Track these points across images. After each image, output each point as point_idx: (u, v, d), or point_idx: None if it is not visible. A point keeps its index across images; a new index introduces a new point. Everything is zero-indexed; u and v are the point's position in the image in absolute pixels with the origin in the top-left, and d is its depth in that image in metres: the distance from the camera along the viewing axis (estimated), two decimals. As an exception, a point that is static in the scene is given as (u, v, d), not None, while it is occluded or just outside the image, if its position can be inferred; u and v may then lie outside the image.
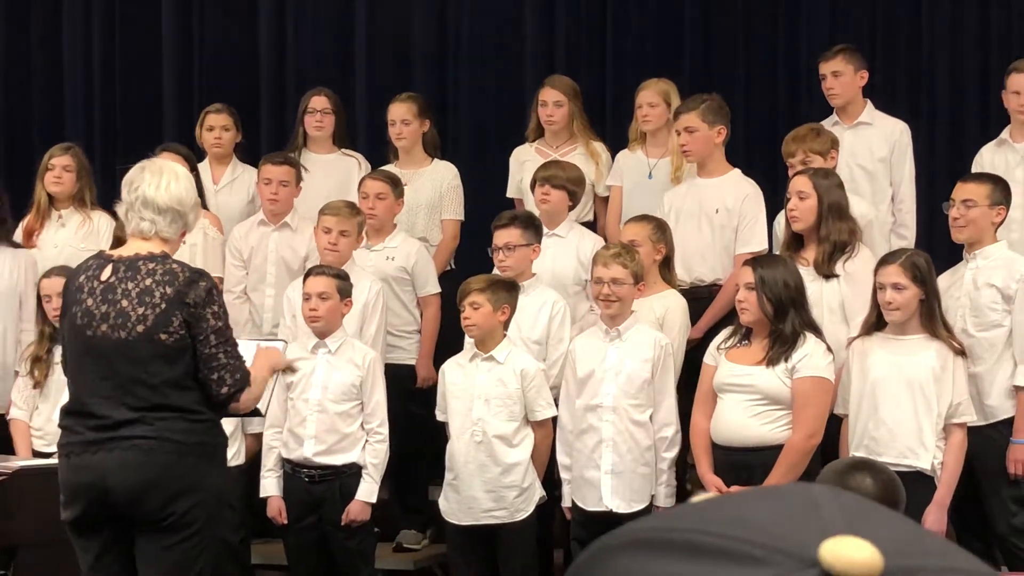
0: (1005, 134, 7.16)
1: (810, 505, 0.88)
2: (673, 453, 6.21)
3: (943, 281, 6.30)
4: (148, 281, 4.73)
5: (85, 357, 4.78)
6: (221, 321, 4.78)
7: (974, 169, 7.10)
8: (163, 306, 4.70)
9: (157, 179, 4.83)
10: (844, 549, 0.83)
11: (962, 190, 6.33)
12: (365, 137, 8.60)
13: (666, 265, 6.65)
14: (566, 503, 6.32)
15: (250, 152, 8.08)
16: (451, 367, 6.47)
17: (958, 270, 6.35)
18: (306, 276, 6.57)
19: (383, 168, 7.52)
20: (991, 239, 6.29)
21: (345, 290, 6.49)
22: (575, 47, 8.72)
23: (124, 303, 4.73)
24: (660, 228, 6.69)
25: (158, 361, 4.71)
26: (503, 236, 6.68)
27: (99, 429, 4.73)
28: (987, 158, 7.15)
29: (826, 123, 7.27)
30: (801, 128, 7.13)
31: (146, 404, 4.70)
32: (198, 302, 4.71)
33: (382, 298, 6.91)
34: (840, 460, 4.62)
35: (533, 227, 6.74)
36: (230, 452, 6.57)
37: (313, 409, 6.43)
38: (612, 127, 8.12)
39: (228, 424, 6.47)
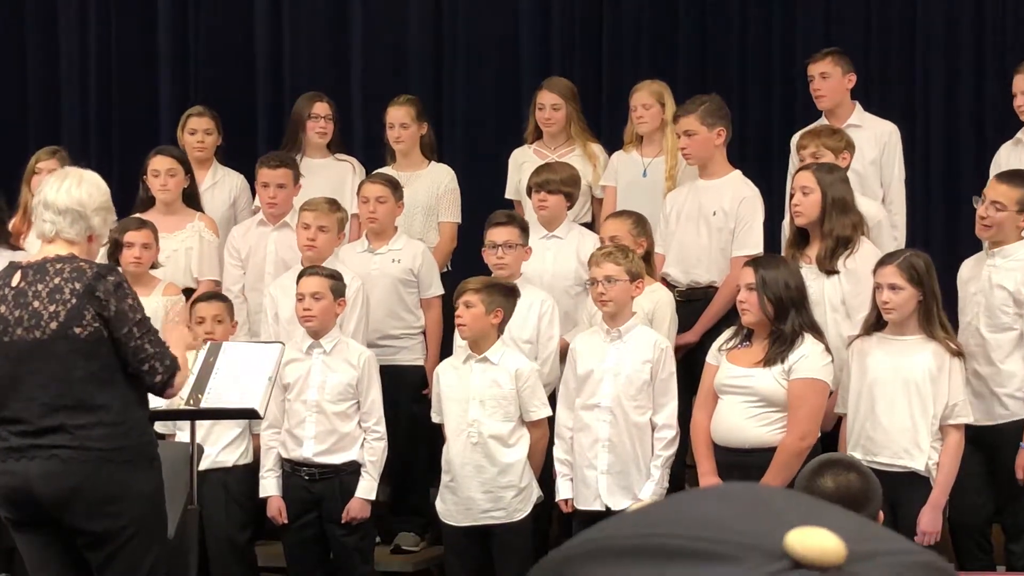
0: (1021, 134, 7.13)
1: (760, 502, 0.89)
2: (669, 453, 6.21)
3: (965, 270, 6.31)
4: (57, 280, 4.82)
5: (3, 364, 4.85)
6: (139, 313, 4.87)
7: (992, 169, 7.02)
8: (73, 301, 4.78)
9: (59, 183, 4.95)
10: (809, 538, 0.85)
11: (994, 190, 6.23)
12: (361, 139, 8.61)
13: (647, 260, 6.66)
14: (564, 496, 6.30)
15: (246, 155, 8.07)
16: (445, 369, 6.47)
17: (981, 262, 6.31)
18: (300, 276, 6.57)
19: (382, 171, 7.51)
20: (1015, 239, 6.21)
21: (339, 290, 6.49)
22: (571, 48, 8.73)
23: (36, 304, 4.81)
24: (640, 223, 6.71)
25: (75, 356, 4.79)
26: (503, 234, 6.70)
27: (22, 435, 4.82)
28: (1003, 157, 7.11)
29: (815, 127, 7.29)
30: (820, 124, 7.16)
31: (67, 403, 4.78)
32: (108, 295, 4.78)
33: (362, 294, 6.90)
34: (813, 460, 4.63)
35: (526, 230, 6.80)
36: (238, 451, 6.62)
37: (311, 410, 6.45)
38: (608, 129, 8.12)
39: (235, 425, 6.52)
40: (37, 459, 4.79)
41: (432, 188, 7.61)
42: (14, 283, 4.88)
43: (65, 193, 4.90)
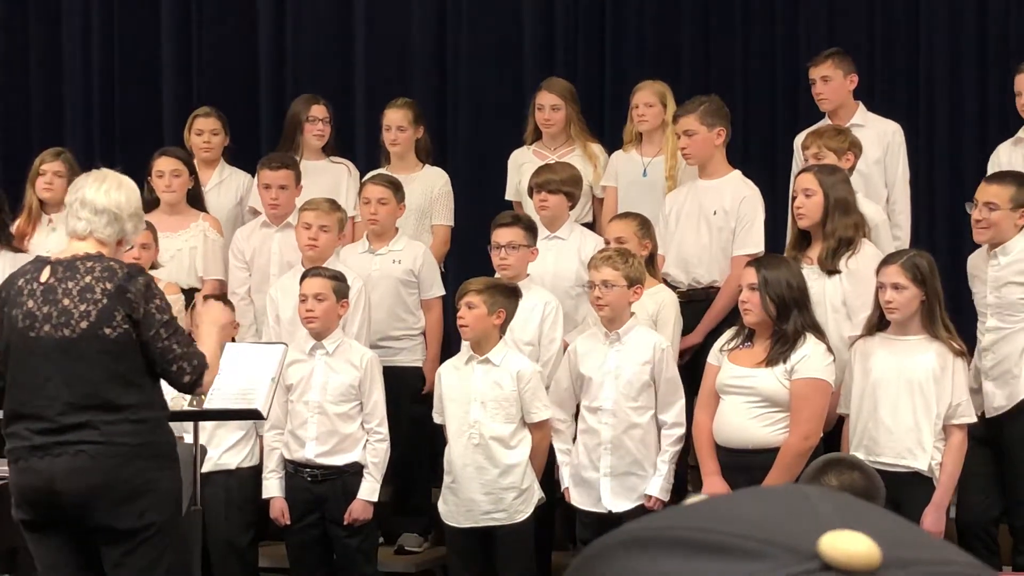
0: (1022, 132, 7.12)
1: (803, 502, 0.90)
2: (676, 449, 6.21)
3: (971, 265, 6.34)
4: (88, 279, 4.79)
5: (29, 359, 4.82)
6: (166, 314, 4.85)
7: (990, 168, 7.04)
8: (105, 301, 4.76)
9: (99, 183, 4.94)
10: (843, 542, 0.85)
11: (984, 192, 6.26)
12: (363, 141, 8.61)
13: (651, 262, 6.66)
14: (567, 485, 6.31)
15: (249, 156, 8.07)
16: (447, 370, 6.47)
17: (985, 260, 6.31)
18: (303, 277, 6.58)
19: (383, 172, 7.52)
20: (1013, 235, 6.21)
21: (341, 291, 6.50)
22: (573, 49, 8.73)
23: (66, 302, 4.79)
24: (644, 225, 6.72)
25: (103, 357, 4.77)
26: (506, 234, 6.69)
27: (45, 433, 4.78)
28: (1004, 156, 7.10)
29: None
30: (824, 124, 7.16)
31: (92, 402, 4.75)
32: (138, 296, 4.77)
33: (364, 296, 6.90)
34: (817, 459, 4.64)
35: (533, 230, 6.78)
36: (242, 453, 6.62)
37: (313, 411, 6.45)
38: (611, 130, 8.12)
39: (240, 427, 6.52)
40: (63, 455, 4.76)
41: (425, 191, 7.61)
42: (43, 278, 4.84)
43: (104, 194, 4.89)
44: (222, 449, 6.60)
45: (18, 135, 9.21)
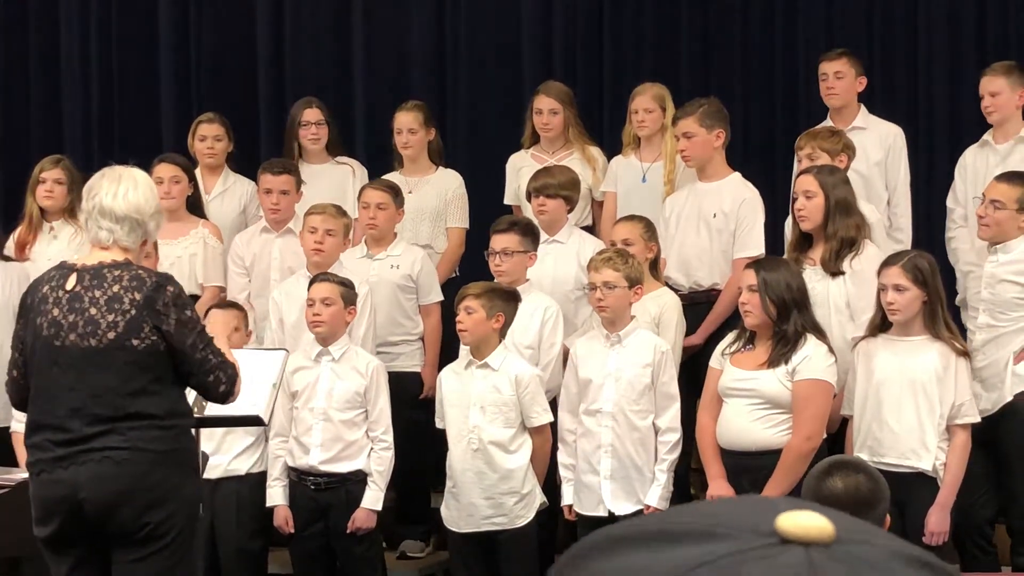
0: (988, 136, 7.16)
1: (764, 500, 0.98)
2: (674, 457, 6.21)
3: (967, 260, 6.36)
4: (116, 288, 4.70)
5: (52, 368, 4.74)
6: (199, 324, 4.80)
7: (957, 172, 7.14)
8: (133, 312, 4.68)
9: (115, 187, 4.79)
10: (799, 517, 0.93)
11: (994, 189, 6.30)
12: (364, 144, 8.60)
13: (653, 265, 6.66)
14: (567, 502, 6.32)
15: (249, 160, 8.07)
16: (447, 375, 6.47)
17: (983, 256, 6.35)
18: (311, 283, 6.57)
19: (383, 177, 7.51)
20: (1015, 236, 6.24)
21: (349, 297, 6.49)
22: (572, 51, 8.73)
23: (92, 311, 4.70)
24: (650, 228, 6.72)
25: (130, 368, 4.69)
26: (501, 241, 6.69)
27: (67, 444, 4.70)
28: (969, 160, 7.18)
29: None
30: (819, 126, 7.16)
31: (117, 413, 4.68)
32: (168, 307, 4.69)
33: (370, 301, 6.90)
34: (821, 461, 4.63)
35: (532, 234, 6.76)
36: (252, 459, 6.62)
37: (318, 418, 6.44)
38: (611, 133, 8.12)
39: (249, 433, 6.51)
40: (88, 463, 4.68)
41: (440, 193, 7.61)
42: (69, 286, 4.74)
43: (123, 199, 4.77)
44: (232, 455, 6.59)
45: (18, 139, 9.20)
